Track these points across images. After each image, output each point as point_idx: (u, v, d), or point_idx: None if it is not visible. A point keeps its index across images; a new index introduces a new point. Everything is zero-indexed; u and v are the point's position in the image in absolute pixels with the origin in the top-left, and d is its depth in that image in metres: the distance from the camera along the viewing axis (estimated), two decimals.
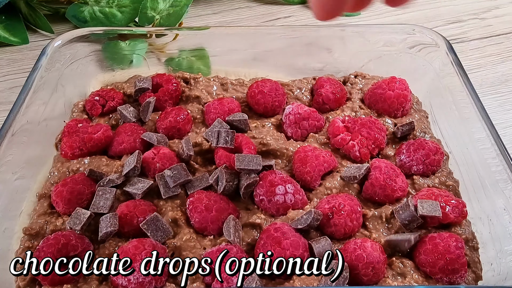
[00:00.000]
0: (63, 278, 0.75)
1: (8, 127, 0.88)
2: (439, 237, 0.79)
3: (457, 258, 0.76)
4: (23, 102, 0.93)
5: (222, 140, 0.90)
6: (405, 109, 1.04)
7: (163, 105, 1.04)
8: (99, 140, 0.95)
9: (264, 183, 0.84)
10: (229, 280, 0.72)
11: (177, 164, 0.87)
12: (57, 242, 0.76)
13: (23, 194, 0.90)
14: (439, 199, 0.83)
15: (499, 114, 1.20)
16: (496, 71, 1.34)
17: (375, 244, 0.77)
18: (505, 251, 0.80)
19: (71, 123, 0.99)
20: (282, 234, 0.76)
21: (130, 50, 1.18)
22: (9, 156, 0.88)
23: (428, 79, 1.10)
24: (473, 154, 0.92)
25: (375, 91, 1.04)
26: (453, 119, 1.00)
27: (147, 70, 1.17)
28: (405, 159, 0.93)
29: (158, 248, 0.76)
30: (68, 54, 1.09)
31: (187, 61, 1.21)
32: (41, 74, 1.00)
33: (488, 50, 1.41)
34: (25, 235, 0.83)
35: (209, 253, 0.76)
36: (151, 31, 1.19)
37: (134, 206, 0.82)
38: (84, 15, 1.40)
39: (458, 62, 1.02)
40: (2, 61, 1.36)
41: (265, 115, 1.04)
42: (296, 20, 1.56)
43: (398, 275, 0.78)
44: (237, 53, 1.19)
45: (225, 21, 1.55)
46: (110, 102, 1.05)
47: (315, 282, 0.74)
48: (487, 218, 0.85)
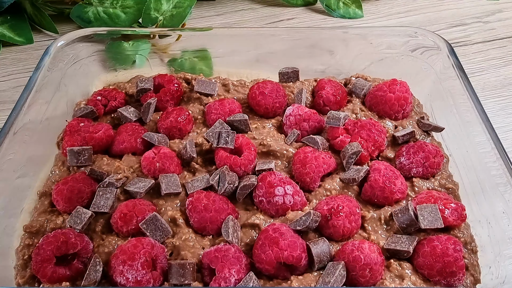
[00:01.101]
0: (62, 275, 0.75)
1: (10, 126, 0.89)
2: (438, 239, 0.79)
3: (455, 261, 0.76)
4: (25, 101, 0.94)
5: (223, 141, 0.91)
6: (406, 111, 1.04)
7: (165, 106, 1.05)
8: (100, 140, 0.95)
9: (263, 184, 0.85)
10: (227, 280, 0.73)
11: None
12: (57, 240, 0.77)
13: (24, 192, 0.91)
14: (438, 202, 0.83)
15: (501, 118, 1.19)
16: (499, 75, 1.33)
17: (373, 246, 0.77)
18: (503, 254, 0.80)
19: (73, 122, 1.00)
20: (280, 234, 0.76)
21: (133, 51, 1.19)
22: (11, 154, 0.88)
23: (429, 82, 1.10)
24: (473, 157, 0.92)
25: (376, 93, 1.04)
26: (453, 122, 1.00)
27: (150, 71, 1.18)
28: (405, 161, 0.93)
29: (157, 248, 0.77)
30: (71, 54, 1.10)
31: (189, 62, 1.22)
32: (44, 73, 1.00)
33: (491, 53, 1.41)
34: (26, 232, 0.84)
35: (208, 253, 0.76)
36: (154, 31, 1.20)
37: (133, 206, 0.83)
38: (88, 16, 1.41)
39: (459, 65, 1.02)
40: (7, 61, 1.37)
41: (265, 116, 1.05)
42: (299, 22, 1.56)
43: (396, 277, 0.78)
44: (239, 54, 1.19)
45: (228, 23, 1.56)
46: (112, 102, 1.06)
47: (312, 283, 0.74)
48: (486, 222, 0.85)
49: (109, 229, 0.84)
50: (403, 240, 0.80)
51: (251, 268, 0.77)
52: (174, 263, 0.76)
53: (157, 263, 0.76)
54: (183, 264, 0.75)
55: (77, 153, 0.91)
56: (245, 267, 0.75)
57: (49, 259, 0.75)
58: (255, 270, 0.76)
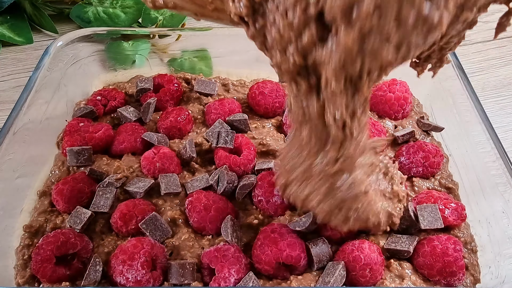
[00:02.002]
0: (62, 275, 0.75)
1: (9, 126, 0.88)
2: (438, 239, 0.79)
3: (455, 260, 0.76)
4: (25, 101, 0.94)
5: (222, 140, 0.91)
6: (406, 111, 1.04)
7: (164, 105, 1.05)
8: (100, 139, 0.95)
9: (262, 184, 0.85)
10: (226, 280, 0.73)
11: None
12: (57, 239, 0.77)
13: (24, 192, 0.91)
14: (438, 202, 0.83)
15: (501, 117, 1.19)
16: (498, 74, 1.33)
17: (373, 246, 0.77)
18: (503, 254, 0.79)
19: (73, 122, 1.00)
20: (280, 235, 0.76)
21: (132, 51, 1.19)
22: (11, 154, 0.88)
23: (429, 82, 1.10)
24: (472, 157, 0.92)
25: (375, 93, 1.04)
26: (453, 121, 1.00)
27: (149, 71, 1.18)
28: (404, 161, 0.93)
29: (157, 247, 0.77)
30: (71, 54, 1.10)
31: (189, 62, 1.22)
32: (43, 73, 1.00)
33: (491, 53, 1.41)
34: (25, 232, 0.83)
35: (207, 253, 0.76)
36: (154, 31, 1.20)
37: (133, 206, 0.83)
38: (88, 16, 1.41)
39: (459, 65, 1.02)
40: (7, 61, 1.37)
41: (265, 116, 1.05)
42: None
43: (396, 277, 0.78)
44: (239, 54, 1.19)
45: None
46: (112, 102, 1.06)
47: (312, 283, 0.74)
48: (486, 221, 0.85)
49: (109, 229, 0.84)
50: (403, 240, 0.80)
51: (251, 268, 0.77)
52: (174, 263, 0.76)
53: (157, 263, 0.76)
54: (183, 264, 0.75)
55: (77, 153, 0.91)
56: (244, 267, 0.75)
57: (49, 259, 0.75)
58: (254, 270, 0.76)
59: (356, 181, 0.67)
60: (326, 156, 0.65)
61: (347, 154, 0.64)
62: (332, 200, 0.69)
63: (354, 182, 0.67)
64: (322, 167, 0.66)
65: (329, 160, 0.65)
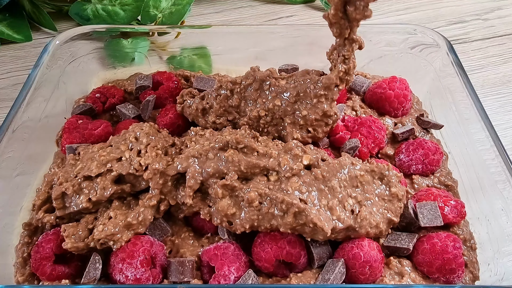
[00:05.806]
0: (61, 273, 0.75)
1: (9, 124, 0.88)
2: (437, 237, 0.79)
3: (454, 258, 0.76)
4: (24, 98, 0.93)
5: None
6: (405, 108, 1.04)
7: (164, 103, 1.05)
8: (99, 136, 0.95)
9: None
10: (226, 277, 0.73)
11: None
12: (56, 237, 0.77)
13: (24, 190, 0.91)
14: (438, 199, 0.83)
15: (500, 115, 1.19)
16: (498, 72, 1.33)
17: (373, 243, 0.77)
18: (502, 251, 0.80)
19: (72, 119, 1.00)
20: (280, 232, 0.76)
21: (132, 48, 1.19)
22: (10, 152, 0.88)
23: (428, 79, 1.10)
24: (472, 155, 0.92)
25: (375, 90, 1.04)
26: (453, 119, 1.00)
27: (149, 68, 1.18)
28: (404, 159, 0.93)
29: (156, 245, 0.77)
30: (70, 51, 1.10)
31: (188, 60, 1.22)
32: (42, 71, 1.00)
33: (490, 51, 1.41)
34: (25, 230, 0.83)
35: (207, 251, 0.76)
36: (153, 29, 1.19)
37: None
38: (87, 13, 1.41)
39: (458, 63, 1.02)
40: (6, 58, 1.37)
41: None
42: (299, 20, 1.56)
43: (395, 275, 0.78)
44: (238, 51, 1.19)
45: (227, 20, 1.56)
46: (111, 99, 1.06)
47: (311, 280, 0.74)
48: (485, 219, 0.85)
49: None
50: (403, 238, 0.80)
51: (250, 266, 0.77)
52: (173, 261, 0.76)
53: (156, 260, 0.76)
54: (182, 261, 0.75)
55: (76, 150, 0.91)
56: (244, 264, 0.76)
57: (49, 257, 0.75)
58: (254, 268, 0.77)
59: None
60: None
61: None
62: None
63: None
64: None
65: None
